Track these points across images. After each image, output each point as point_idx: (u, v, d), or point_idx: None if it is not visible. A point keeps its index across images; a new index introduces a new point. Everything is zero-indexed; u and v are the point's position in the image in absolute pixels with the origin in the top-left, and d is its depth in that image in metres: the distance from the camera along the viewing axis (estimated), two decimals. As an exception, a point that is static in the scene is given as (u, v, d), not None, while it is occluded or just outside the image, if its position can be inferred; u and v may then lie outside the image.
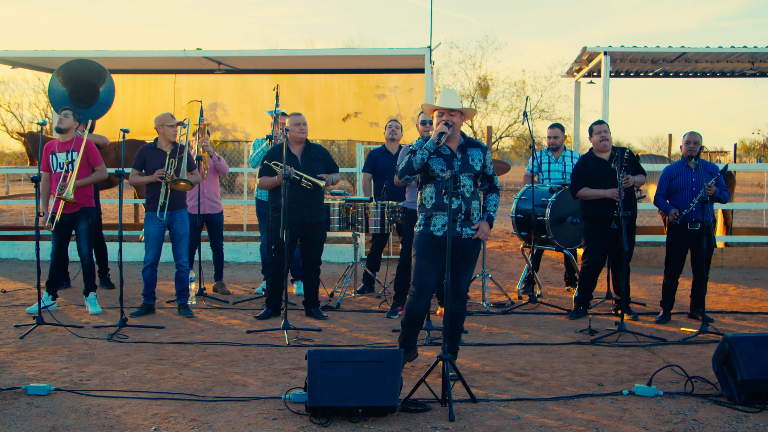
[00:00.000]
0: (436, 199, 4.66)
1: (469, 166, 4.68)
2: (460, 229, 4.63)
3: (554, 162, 7.65)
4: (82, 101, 7.81)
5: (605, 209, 6.34)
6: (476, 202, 4.71)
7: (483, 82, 28.66)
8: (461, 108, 4.71)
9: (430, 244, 4.67)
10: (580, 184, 6.49)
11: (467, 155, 4.71)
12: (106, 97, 7.92)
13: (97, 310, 6.60)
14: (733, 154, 17.87)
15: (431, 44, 9.29)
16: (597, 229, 6.45)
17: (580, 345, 5.62)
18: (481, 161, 4.73)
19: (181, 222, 6.56)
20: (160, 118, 6.53)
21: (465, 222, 4.65)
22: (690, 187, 6.35)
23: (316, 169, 6.31)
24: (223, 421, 3.92)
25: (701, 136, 6.46)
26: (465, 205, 4.63)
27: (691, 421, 3.97)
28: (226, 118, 10.59)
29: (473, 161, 4.70)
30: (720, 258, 9.65)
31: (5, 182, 23.03)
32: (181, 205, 6.57)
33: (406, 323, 4.82)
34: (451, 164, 4.64)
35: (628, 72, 11.17)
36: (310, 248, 6.45)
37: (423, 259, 4.68)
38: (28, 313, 6.44)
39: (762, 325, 6.45)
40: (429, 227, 4.68)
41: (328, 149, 7.61)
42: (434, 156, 4.66)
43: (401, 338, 4.89)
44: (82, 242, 6.55)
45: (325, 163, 6.43)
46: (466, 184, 4.65)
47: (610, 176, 6.28)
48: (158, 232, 6.47)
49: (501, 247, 10.98)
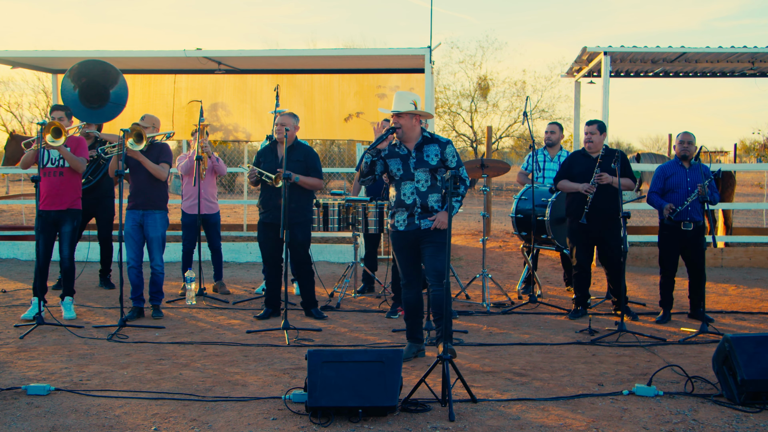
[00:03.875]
0: (397, 197, 5.07)
1: (425, 162, 5.01)
2: (418, 222, 5.01)
3: (549, 161, 7.66)
4: (92, 102, 7.80)
5: (578, 205, 6.48)
6: (435, 195, 5.04)
7: (483, 82, 28.66)
8: (410, 111, 4.98)
9: (398, 240, 5.11)
10: (562, 176, 6.65)
11: (422, 152, 5.03)
12: (117, 98, 7.89)
13: (71, 315, 6.43)
14: (733, 154, 17.88)
15: (431, 44, 9.28)
16: (573, 224, 6.58)
17: (580, 345, 5.63)
18: (438, 156, 5.03)
19: (152, 224, 6.44)
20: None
21: (422, 214, 5.01)
22: (685, 187, 6.37)
23: (293, 170, 6.19)
24: (223, 421, 3.92)
25: (695, 136, 6.49)
26: (420, 199, 4.99)
27: (691, 421, 3.97)
28: (226, 118, 10.58)
29: (428, 157, 5.01)
30: (720, 258, 9.65)
31: (5, 182, 23.03)
32: (154, 206, 6.45)
33: (406, 316, 5.20)
34: (407, 163, 5.02)
35: (628, 72, 11.17)
36: (292, 251, 6.36)
37: (398, 255, 5.17)
38: (23, 319, 6.28)
39: (762, 325, 6.45)
40: (395, 223, 5.09)
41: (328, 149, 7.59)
42: (392, 157, 5.06)
43: (407, 331, 5.23)
44: (65, 244, 6.39)
45: (305, 165, 6.35)
46: (421, 179, 5.00)
47: (589, 173, 6.44)
48: (132, 231, 6.40)
49: (501, 247, 10.98)
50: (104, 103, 7.78)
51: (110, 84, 7.88)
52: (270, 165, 6.37)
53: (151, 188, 6.44)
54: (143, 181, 6.41)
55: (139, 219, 6.43)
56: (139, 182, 6.42)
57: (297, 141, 6.46)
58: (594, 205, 6.35)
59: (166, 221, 6.62)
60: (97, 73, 7.90)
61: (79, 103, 7.71)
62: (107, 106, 7.81)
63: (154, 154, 6.43)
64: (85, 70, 7.91)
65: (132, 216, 6.42)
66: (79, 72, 7.87)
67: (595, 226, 6.39)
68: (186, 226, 7.53)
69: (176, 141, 13.62)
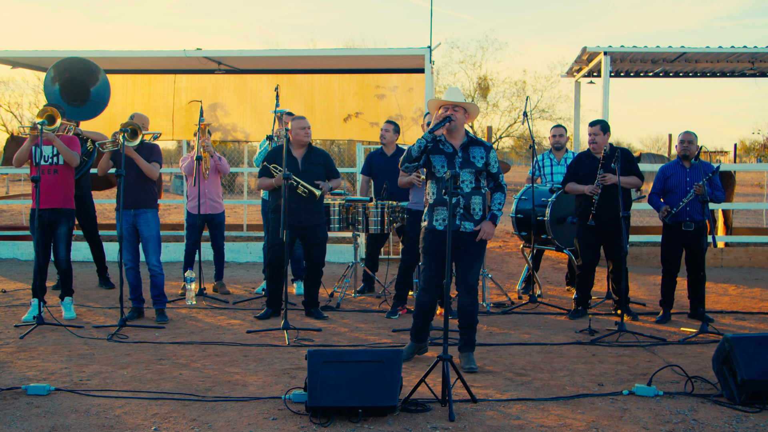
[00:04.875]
0: (437, 195, 4.88)
1: (470, 162, 4.87)
2: (459, 222, 4.82)
3: (556, 164, 7.64)
4: (74, 100, 7.78)
5: (585, 206, 6.45)
6: (478, 198, 4.88)
7: (483, 82, 28.67)
8: (464, 104, 4.88)
9: (432, 242, 4.88)
10: (569, 178, 6.63)
11: (468, 153, 4.89)
12: (98, 96, 7.84)
13: (71, 315, 6.44)
14: (733, 154, 17.88)
15: (431, 44, 9.28)
16: (582, 226, 6.55)
17: (580, 345, 5.62)
18: (483, 159, 4.90)
19: (145, 223, 6.40)
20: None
21: (465, 216, 4.83)
22: (684, 187, 6.37)
23: (315, 174, 6.31)
24: (223, 421, 3.92)
25: (696, 136, 6.47)
26: (464, 200, 4.83)
27: (691, 421, 3.97)
28: (226, 118, 10.57)
29: (474, 158, 4.89)
30: (720, 258, 9.65)
31: (5, 182, 23.03)
32: (146, 205, 6.42)
33: (416, 315, 5.08)
34: (452, 161, 4.84)
35: (628, 72, 11.17)
36: (311, 248, 6.46)
37: (427, 257, 4.93)
38: (23, 321, 6.25)
39: (762, 325, 6.45)
40: (432, 221, 4.89)
41: (328, 149, 7.62)
42: (436, 153, 4.87)
43: (413, 330, 5.13)
44: (61, 246, 6.38)
45: (325, 167, 6.43)
46: (466, 179, 4.84)
47: (595, 174, 6.41)
48: (126, 232, 6.36)
49: (501, 247, 10.98)
50: (84, 102, 7.75)
51: (91, 82, 7.85)
52: (290, 169, 6.24)
53: (141, 188, 6.40)
54: (133, 180, 6.35)
55: (132, 219, 6.40)
56: (129, 181, 6.33)
57: (310, 144, 6.48)
58: (601, 204, 6.34)
59: (158, 220, 6.60)
60: (77, 70, 7.86)
61: (60, 99, 7.66)
62: (88, 105, 7.77)
63: (145, 155, 6.38)
64: (66, 66, 7.88)
65: (124, 217, 6.35)
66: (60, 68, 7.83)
67: (603, 226, 6.37)
68: (190, 225, 7.53)
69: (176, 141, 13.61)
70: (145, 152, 6.41)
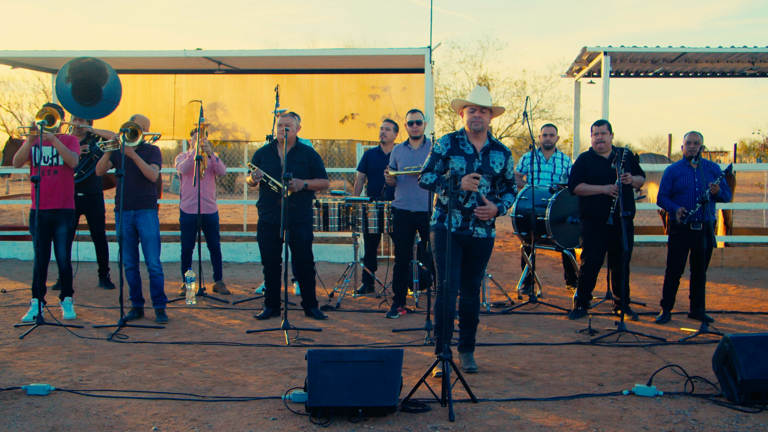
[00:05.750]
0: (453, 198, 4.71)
1: (490, 167, 4.77)
2: (472, 228, 4.76)
3: (544, 163, 7.64)
4: (85, 99, 7.79)
5: (601, 207, 6.38)
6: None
7: (483, 82, 28.64)
8: (491, 105, 4.77)
9: (443, 238, 4.70)
10: (579, 179, 6.54)
11: (489, 157, 4.79)
12: (110, 95, 7.86)
13: (71, 315, 6.44)
14: (733, 154, 17.89)
15: (431, 44, 9.28)
16: (594, 227, 6.47)
17: (580, 345, 5.62)
18: (502, 165, 4.82)
19: (145, 224, 6.39)
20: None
21: (478, 222, 4.76)
22: (693, 188, 6.36)
23: (297, 171, 6.19)
24: (223, 421, 3.92)
25: (702, 136, 6.46)
26: (479, 205, 4.72)
27: (691, 421, 3.97)
28: (226, 118, 10.58)
29: (493, 164, 4.79)
30: (720, 258, 9.65)
31: (5, 182, 23.03)
32: (145, 205, 6.42)
33: (438, 324, 4.75)
34: (471, 164, 4.73)
35: (628, 72, 11.17)
36: (296, 250, 6.40)
37: (442, 254, 4.69)
38: (23, 321, 6.24)
39: (762, 325, 6.45)
40: (444, 222, 4.76)
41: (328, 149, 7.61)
42: (456, 154, 4.76)
43: (437, 344, 4.79)
44: (61, 246, 6.37)
45: (309, 166, 6.34)
46: (483, 184, 4.74)
47: (608, 174, 6.33)
48: (125, 233, 6.34)
49: (501, 247, 10.98)
50: (96, 101, 7.76)
51: (102, 81, 7.86)
52: (271, 166, 6.33)
53: (141, 188, 6.40)
54: (133, 180, 6.35)
55: (131, 219, 6.40)
56: (129, 182, 6.33)
57: (298, 142, 6.45)
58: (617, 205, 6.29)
59: (158, 220, 6.61)
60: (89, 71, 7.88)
61: (72, 99, 7.68)
62: (100, 104, 7.78)
63: (144, 156, 6.38)
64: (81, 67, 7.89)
65: (124, 217, 6.35)
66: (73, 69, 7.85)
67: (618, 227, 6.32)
68: (185, 225, 7.53)
69: (176, 141, 13.62)
70: (145, 154, 6.42)
